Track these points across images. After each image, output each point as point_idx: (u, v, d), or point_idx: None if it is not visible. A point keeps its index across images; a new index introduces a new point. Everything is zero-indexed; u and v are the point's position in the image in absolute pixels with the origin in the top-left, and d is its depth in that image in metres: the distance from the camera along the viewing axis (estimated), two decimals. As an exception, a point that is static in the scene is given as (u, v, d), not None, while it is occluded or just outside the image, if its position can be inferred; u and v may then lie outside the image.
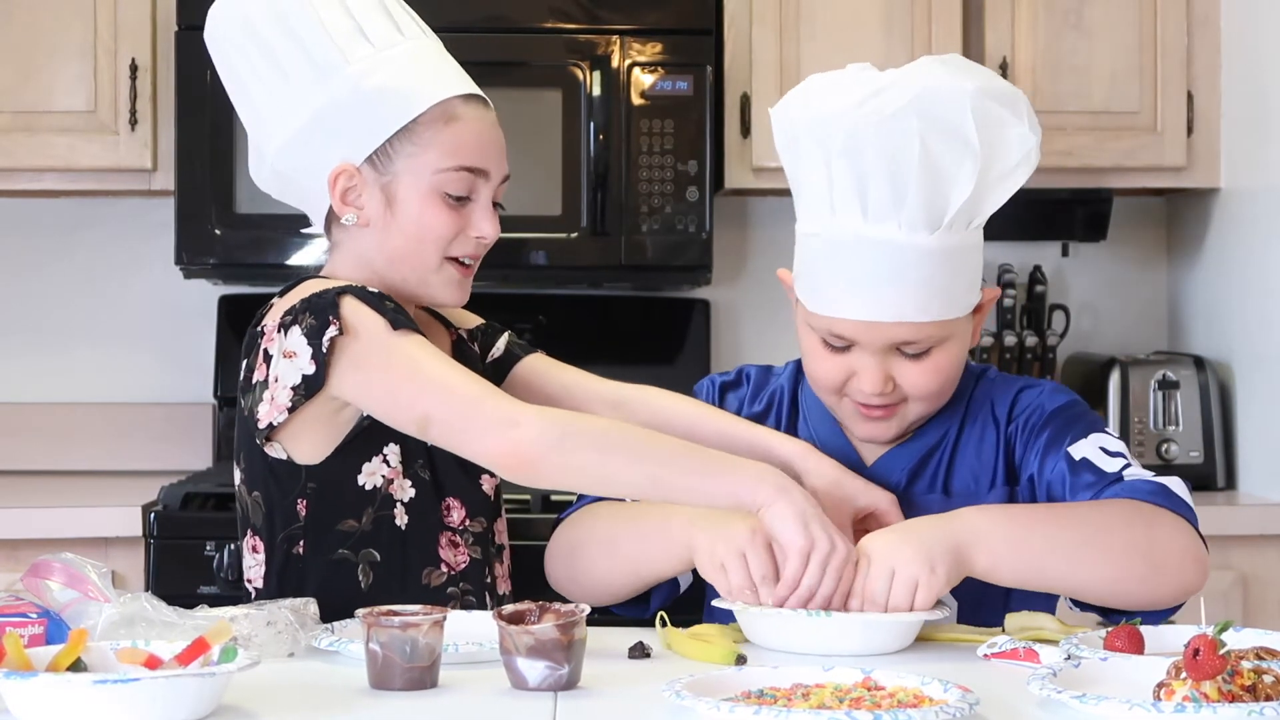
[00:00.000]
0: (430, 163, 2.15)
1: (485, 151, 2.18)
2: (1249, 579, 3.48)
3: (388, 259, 2.17)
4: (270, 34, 2.15)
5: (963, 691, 1.65)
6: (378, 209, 2.16)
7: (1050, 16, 3.75)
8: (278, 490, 2.14)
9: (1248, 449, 3.72)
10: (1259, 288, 3.64)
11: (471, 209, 2.18)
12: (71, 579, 1.88)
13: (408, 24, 2.20)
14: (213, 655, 1.68)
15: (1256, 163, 3.66)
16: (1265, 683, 1.59)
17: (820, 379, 2.20)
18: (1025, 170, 2.13)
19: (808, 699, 1.65)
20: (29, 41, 3.68)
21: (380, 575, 2.13)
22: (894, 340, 2.13)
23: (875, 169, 2.07)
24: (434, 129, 2.15)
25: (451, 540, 2.17)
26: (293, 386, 2.07)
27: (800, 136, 2.14)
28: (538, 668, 1.77)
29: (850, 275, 2.10)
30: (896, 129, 2.06)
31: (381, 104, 2.13)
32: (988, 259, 3.96)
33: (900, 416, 2.19)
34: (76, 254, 4.04)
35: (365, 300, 2.08)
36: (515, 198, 3.79)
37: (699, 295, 3.99)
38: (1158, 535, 2.06)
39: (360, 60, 2.13)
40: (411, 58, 2.16)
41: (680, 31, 3.66)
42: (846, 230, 2.10)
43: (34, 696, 1.59)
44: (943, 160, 2.07)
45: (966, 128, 2.07)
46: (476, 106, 2.19)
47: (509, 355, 2.35)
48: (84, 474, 3.96)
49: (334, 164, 2.15)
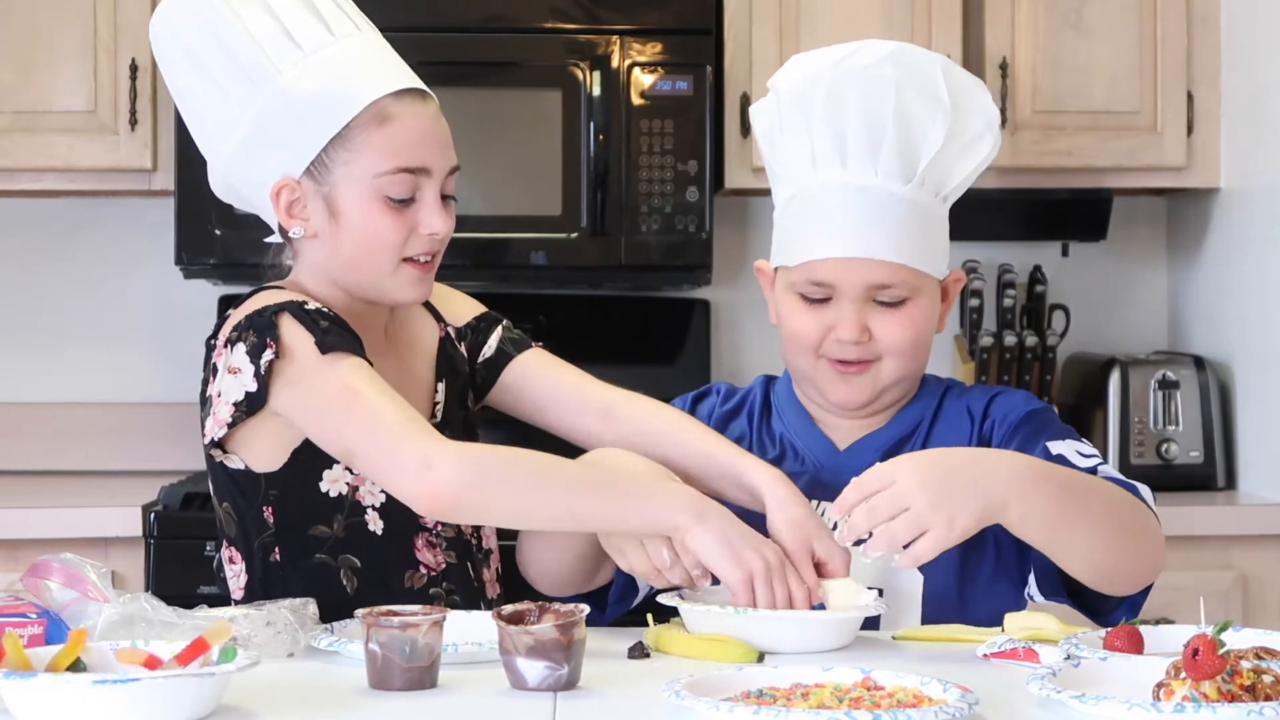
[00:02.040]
0: (367, 168, 2.09)
1: (424, 148, 2.12)
2: (1249, 579, 3.48)
3: (341, 267, 2.14)
4: (203, 48, 2.11)
5: (962, 691, 1.66)
6: (323, 220, 2.12)
7: (1050, 16, 3.75)
8: (243, 499, 2.13)
9: (1248, 449, 3.72)
10: (1259, 288, 3.64)
11: (418, 208, 2.12)
12: (71, 579, 1.88)
13: (338, 21, 2.13)
14: (212, 655, 1.68)
15: (1256, 163, 3.66)
16: (1265, 683, 1.59)
17: (799, 336, 2.23)
18: (989, 142, 2.23)
19: (807, 699, 1.65)
20: (29, 41, 3.68)
21: (364, 580, 2.12)
22: (871, 282, 2.18)
23: (854, 118, 2.18)
24: (367, 133, 2.09)
25: (429, 542, 2.16)
26: (234, 403, 2.05)
27: (784, 107, 2.24)
28: (537, 668, 1.77)
29: (830, 219, 2.19)
30: (874, 77, 2.19)
31: (312, 113, 2.08)
32: (987, 259, 4.02)
33: (874, 378, 2.22)
34: (76, 254, 4.04)
35: (300, 319, 2.05)
36: (515, 198, 3.82)
37: (699, 295, 4.00)
38: (1145, 523, 2.10)
39: (290, 67, 2.08)
40: (342, 59, 2.10)
41: (680, 31, 3.66)
42: (826, 181, 2.20)
43: (34, 696, 1.59)
44: (917, 111, 2.19)
45: (938, 84, 2.20)
46: (411, 102, 2.12)
47: (500, 355, 2.30)
48: (84, 474, 3.97)
49: (276, 177, 2.11)
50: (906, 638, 2.08)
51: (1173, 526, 3.45)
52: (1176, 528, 3.48)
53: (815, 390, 2.27)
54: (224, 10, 2.10)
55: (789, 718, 1.55)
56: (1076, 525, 2.04)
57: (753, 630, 1.97)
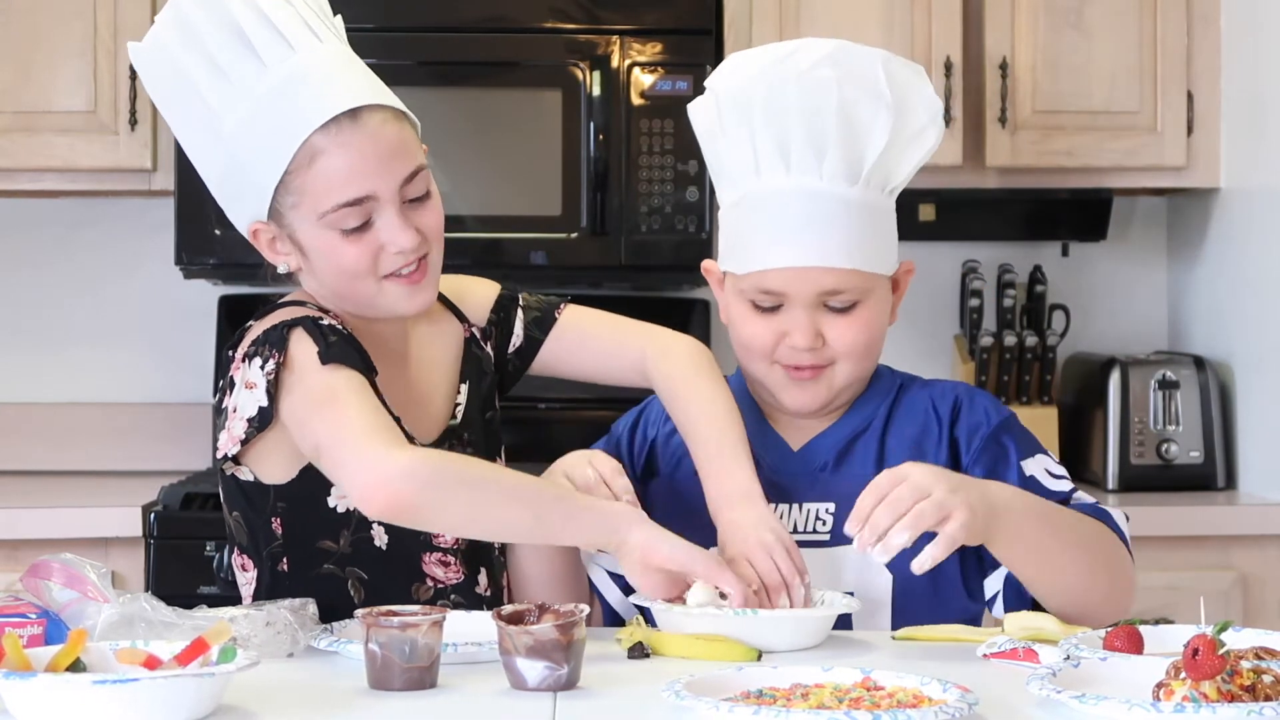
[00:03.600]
0: (311, 209, 2.07)
1: (361, 175, 2.05)
2: (1249, 579, 3.48)
3: (332, 294, 2.14)
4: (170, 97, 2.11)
5: (962, 691, 1.66)
6: (297, 257, 2.13)
7: (1050, 16, 3.75)
8: (252, 510, 2.13)
9: (1248, 449, 3.72)
10: (1259, 288, 3.64)
11: (378, 230, 2.08)
12: (71, 579, 1.88)
13: (269, 48, 2.06)
14: (212, 655, 1.68)
15: (1256, 163, 3.66)
16: (1265, 683, 1.59)
17: (751, 343, 2.22)
18: (934, 134, 2.21)
19: (807, 699, 1.65)
20: (29, 41, 3.68)
21: (370, 590, 2.12)
22: (821, 289, 2.17)
23: (796, 122, 2.16)
24: (301, 176, 2.06)
25: (442, 560, 2.16)
26: (248, 418, 2.06)
27: (724, 110, 2.23)
28: (537, 668, 1.77)
29: (776, 227, 2.17)
30: (814, 79, 2.16)
31: (254, 165, 2.07)
32: (987, 259, 4.02)
33: (828, 381, 2.21)
34: (76, 254, 4.04)
35: (311, 333, 2.06)
36: (515, 198, 3.82)
37: (699, 295, 4.00)
38: (1119, 558, 2.12)
39: (229, 112, 2.05)
40: (271, 100, 2.05)
41: (680, 31, 3.66)
42: (770, 186, 2.18)
43: (33, 696, 1.59)
44: (859, 111, 2.16)
45: (879, 82, 2.17)
46: (339, 130, 2.05)
47: (530, 343, 2.30)
48: (84, 474, 3.96)
49: (248, 222, 2.13)
50: (906, 638, 2.08)
51: (1173, 526, 3.47)
52: (1176, 528, 3.48)
53: (769, 394, 2.26)
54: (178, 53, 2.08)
55: (789, 718, 1.56)
56: (1054, 558, 2.06)
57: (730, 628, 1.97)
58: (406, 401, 2.15)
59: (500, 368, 2.30)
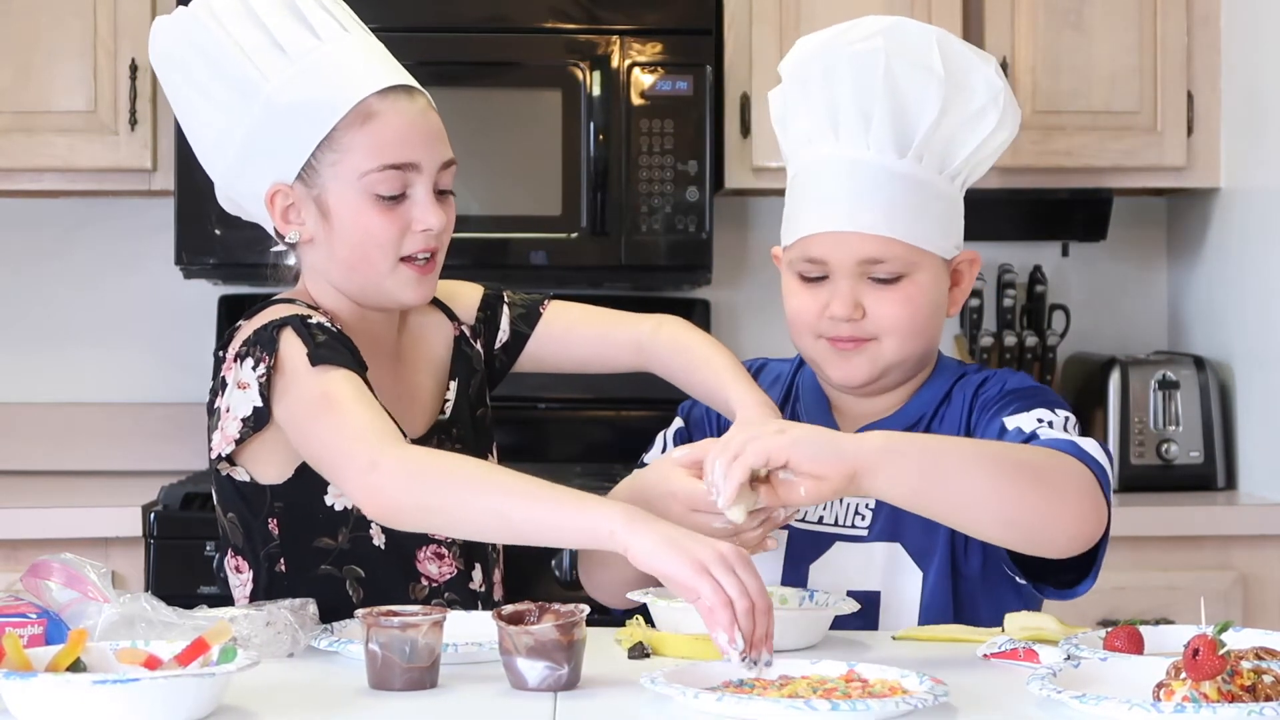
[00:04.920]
0: (354, 167, 2.09)
1: (410, 144, 2.11)
2: (1249, 579, 3.48)
3: (340, 271, 2.14)
4: (194, 64, 2.12)
5: (934, 683, 1.68)
6: (316, 224, 2.12)
7: (1050, 16, 3.75)
8: (249, 511, 2.13)
9: (1248, 449, 3.72)
10: (1259, 288, 3.65)
11: (410, 205, 2.11)
12: (71, 579, 1.88)
13: (324, 24, 2.12)
14: (212, 655, 1.68)
15: (1256, 163, 3.66)
16: (1265, 683, 1.59)
17: (797, 315, 2.23)
18: (994, 114, 2.20)
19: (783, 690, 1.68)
20: (28, 41, 3.68)
21: (369, 589, 2.12)
22: (862, 256, 2.17)
23: (845, 92, 2.18)
24: (351, 133, 2.08)
25: (437, 553, 2.16)
26: (243, 418, 2.06)
27: (788, 89, 2.25)
28: (537, 668, 1.77)
29: (821, 193, 2.19)
30: (864, 50, 2.19)
31: (298, 119, 2.08)
32: (988, 259, 4.01)
33: (871, 356, 2.20)
34: (76, 254, 4.04)
35: (299, 333, 2.05)
36: (515, 198, 3.82)
37: (699, 295, 4.00)
38: (1056, 470, 2.00)
39: (276, 74, 2.08)
40: (327, 63, 2.09)
41: (680, 31, 3.66)
42: (820, 155, 2.20)
43: (34, 696, 1.59)
44: (908, 84, 2.18)
45: (932, 58, 2.19)
46: (396, 98, 2.11)
47: (516, 338, 2.31)
48: (84, 474, 3.96)
49: (269, 184, 2.12)
50: (907, 638, 2.08)
51: (1173, 526, 3.47)
52: (1176, 528, 3.48)
53: (819, 371, 2.26)
54: (210, 24, 2.11)
55: (750, 705, 1.60)
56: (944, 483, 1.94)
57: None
58: (396, 397, 2.15)
59: (489, 364, 2.30)
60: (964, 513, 1.96)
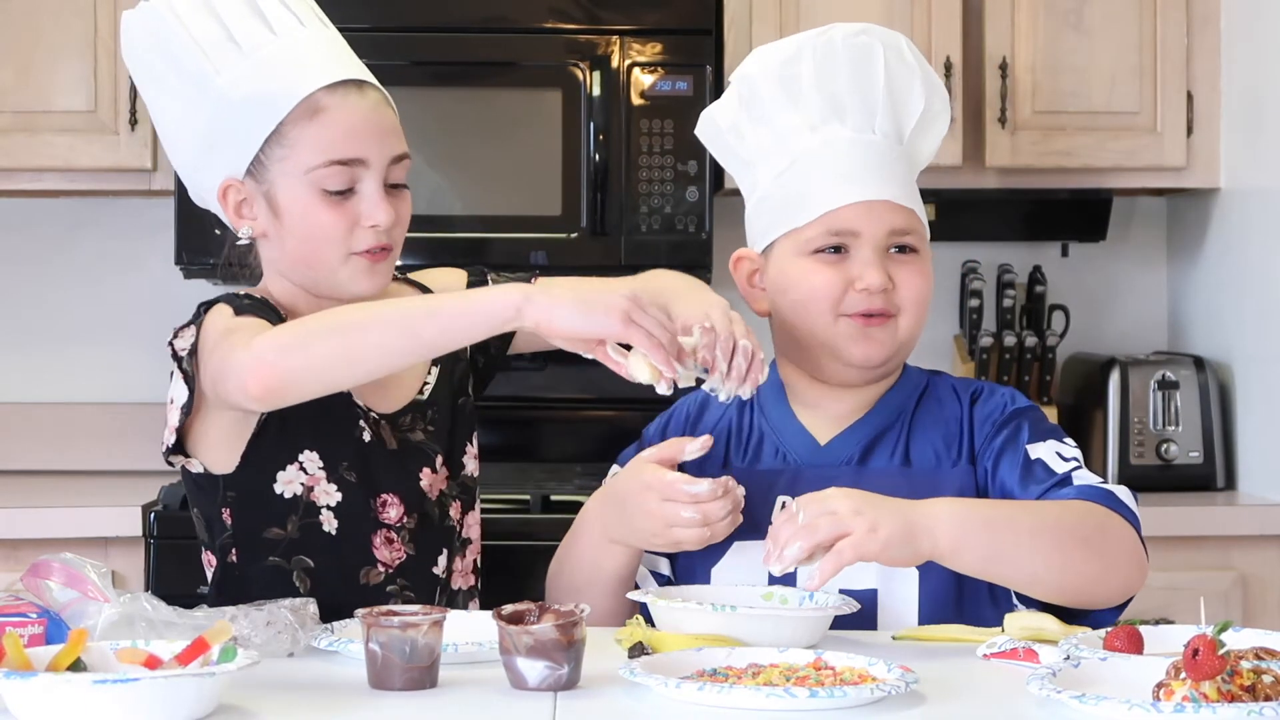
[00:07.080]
0: (301, 162, 2.09)
1: (358, 139, 2.10)
2: (1249, 579, 3.48)
3: (292, 265, 2.14)
4: (155, 61, 2.13)
5: (903, 671, 1.70)
6: (267, 219, 2.13)
7: (1050, 16, 3.75)
8: (205, 501, 2.15)
9: (1248, 449, 3.72)
10: (1259, 288, 3.65)
11: (358, 200, 2.11)
12: (71, 579, 1.88)
13: (280, 19, 2.12)
14: (212, 655, 1.68)
15: (1256, 163, 3.66)
16: (1265, 683, 1.59)
17: (819, 294, 2.21)
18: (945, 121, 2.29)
19: (756, 678, 1.71)
20: (28, 41, 3.68)
21: (316, 580, 2.13)
22: (891, 226, 2.21)
23: (847, 83, 2.23)
24: (299, 128, 2.09)
25: (386, 537, 2.16)
26: (182, 406, 2.07)
27: (760, 90, 2.25)
28: (537, 668, 1.77)
29: (845, 168, 2.21)
30: (859, 43, 2.24)
31: (248, 113, 2.09)
32: (987, 259, 4.02)
33: (892, 332, 2.22)
34: (76, 254, 4.04)
35: (228, 302, 2.08)
36: (515, 198, 3.81)
37: (699, 295, 3.99)
38: (1108, 534, 2.09)
39: (229, 68, 2.09)
40: (278, 58, 2.10)
41: (680, 31, 3.66)
42: (830, 137, 2.22)
43: (34, 696, 1.59)
44: (899, 78, 2.25)
45: (908, 56, 2.27)
46: (346, 93, 2.11)
47: None
48: (84, 474, 3.96)
49: (221, 179, 2.12)
50: (907, 638, 2.08)
51: (1173, 526, 3.47)
52: (1176, 528, 3.48)
53: (830, 357, 2.23)
54: (169, 18, 2.11)
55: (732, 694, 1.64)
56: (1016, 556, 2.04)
57: (723, 626, 1.97)
58: None
59: (483, 349, 2.28)
60: (1028, 585, 2.08)
